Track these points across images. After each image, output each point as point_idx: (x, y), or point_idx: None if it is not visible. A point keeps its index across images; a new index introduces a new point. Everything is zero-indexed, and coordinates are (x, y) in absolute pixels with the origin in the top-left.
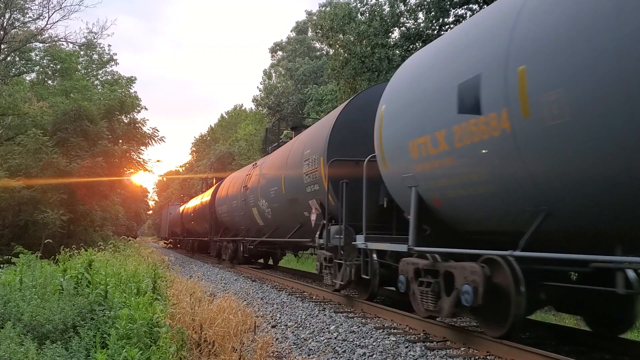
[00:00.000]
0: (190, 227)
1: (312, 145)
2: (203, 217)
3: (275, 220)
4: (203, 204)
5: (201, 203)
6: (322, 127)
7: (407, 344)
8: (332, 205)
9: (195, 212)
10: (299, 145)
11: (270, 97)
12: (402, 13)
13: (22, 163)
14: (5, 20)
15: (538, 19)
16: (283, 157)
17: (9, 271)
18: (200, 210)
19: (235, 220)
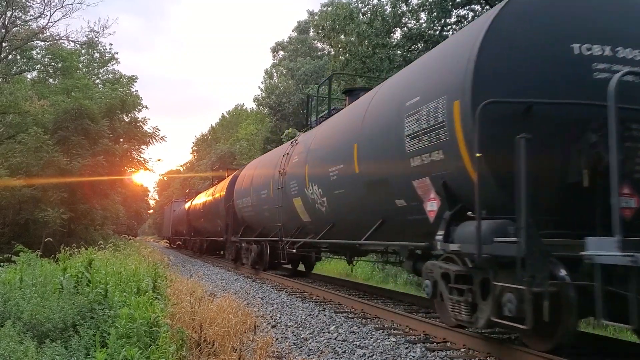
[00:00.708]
0: (199, 226)
1: (426, 85)
2: (216, 213)
3: (335, 213)
4: (216, 199)
5: (213, 198)
6: (450, 53)
7: (408, 345)
8: (471, 186)
9: (205, 208)
10: (390, 94)
11: (272, 96)
12: (404, 13)
13: (23, 161)
14: (7, 19)
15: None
16: (352, 121)
17: (9, 270)
18: (213, 206)
19: (263, 216)
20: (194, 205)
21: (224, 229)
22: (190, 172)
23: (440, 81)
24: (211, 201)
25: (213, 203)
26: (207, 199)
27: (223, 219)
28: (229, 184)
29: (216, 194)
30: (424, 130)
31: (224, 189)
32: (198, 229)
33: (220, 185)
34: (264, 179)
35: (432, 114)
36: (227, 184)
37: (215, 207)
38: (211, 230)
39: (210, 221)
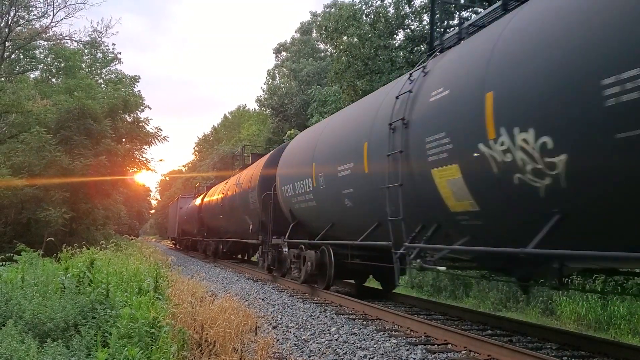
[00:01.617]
0: (216, 224)
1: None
2: (243, 208)
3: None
4: (244, 189)
5: (240, 189)
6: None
7: (408, 347)
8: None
9: (226, 203)
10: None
11: (274, 97)
12: (407, 15)
13: (25, 161)
14: (10, 18)
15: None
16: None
17: (11, 269)
18: (238, 200)
19: (341, 206)
20: (208, 201)
21: (256, 228)
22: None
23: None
24: (235, 194)
25: (239, 196)
26: (228, 192)
27: (255, 214)
28: (265, 167)
29: (243, 183)
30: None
31: (256, 176)
32: (214, 229)
33: (249, 172)
34: (346, 147)
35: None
36: (260, 169)
37: (243, 200)
38: (235, 229)
39: (233, 219)
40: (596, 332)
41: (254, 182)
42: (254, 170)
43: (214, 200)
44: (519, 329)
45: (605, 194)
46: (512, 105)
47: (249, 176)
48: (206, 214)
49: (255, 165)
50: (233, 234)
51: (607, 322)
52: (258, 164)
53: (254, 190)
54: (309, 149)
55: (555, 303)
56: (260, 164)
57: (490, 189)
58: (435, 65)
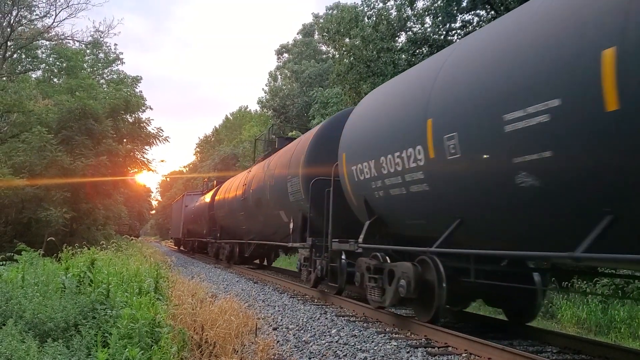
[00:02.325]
0: (233, 224)
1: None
2: (277, 202)
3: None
4: (279, 176)
5: (272, 177)
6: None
7: (409, 349)
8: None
9: (251, 196)
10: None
11: (276, 99)
12: (409, 17)
13: (26, 160)
14: (12, 18)
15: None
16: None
17: (12, 268)
18: (270, 192)
19: (517, 189)
20: (223, 197)
21: (297, 227)
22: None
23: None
24: (263, 184)
25: (270, 186)
26: (253, 183)
27: (296, 209)
28: (316, 143)
29: (276, 169)
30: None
31: (298, 158)
32: (231, 229)
33: (286, 155)
34: (531, 70)
35: None
36: (306, 146)
37: (276, 191)
38: (261, 229)
39: (261, 216)
40: (597, 336)
41: (297, 166)
42: (296, 149)
43: (232, 195)
44: (519, 332)
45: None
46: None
47: (285, 159)
48: (220, 211)
49: (297, 143)
50: (258, 235)
51: (607, 326)
52: (301, 142)
53: (295, 177)
54: (414, 100)
55: (556, 307)
56: (305, 141)
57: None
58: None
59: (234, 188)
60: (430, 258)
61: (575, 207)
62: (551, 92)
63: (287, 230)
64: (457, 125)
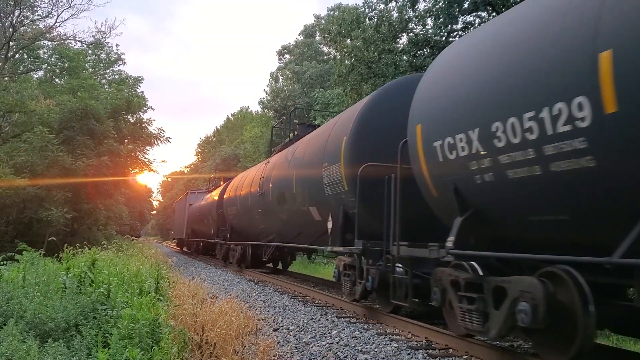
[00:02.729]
0: (247, 224)
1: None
2: (307, 196)
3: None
4: (310, 164)
5: (299, 167)
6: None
7: (410, 351)
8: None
9: (271, 191)
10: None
11: (277, 100)
12: (411, 19)
13: (28, 160)
14: (15, 18)
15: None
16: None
17: (13, 268)
18: (298, 184)
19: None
20: (234, 194)
21: (338, 226)
22: (194, 174)
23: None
24: (288, 176)
25: (298, 178)
26: (273, 175)
27: (335, 203)
28: (367, 116)
29: (305, 156)
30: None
31: (340, 137)
32: (244, 229)
33: (319, 138)
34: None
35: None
36: (353, 120)
37: (307, 183)
38: (281, 229)
39: (285, 213)
40: (598, 339)
41: (337, 149)
42: (334, 130)
43: (245, 191)
44: (521, 334)
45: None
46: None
47: (319, 143)
48: (231, 210)
49: (334, 123)
50: (279, 236)
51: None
52: (341, 120)
53: (335, 164)
54: (565, 28)
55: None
56: (348, 117)
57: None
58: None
59: (248, 183)
60: (565, 271)
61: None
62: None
63: (317, 230)
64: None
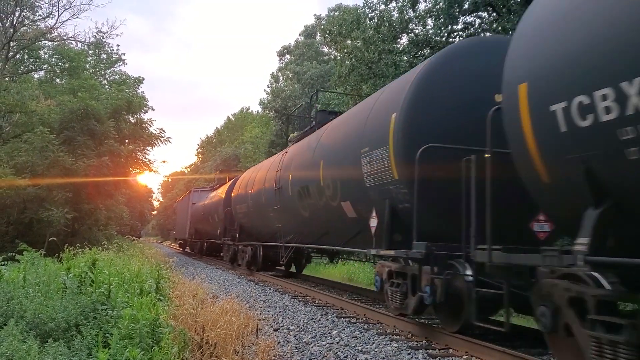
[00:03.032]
0: (260, 223)
1: None
2: (340, 189)
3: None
4: (338, 150)
5: (323, 150)
6: None
7: (410, 351)
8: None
9: (290, 186)
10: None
11: (277, 100)
12: (411, 19)
13: (28, 161)
14: (15, 18)
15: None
16: None
17: (13, 268)
18: (328, 177)
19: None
20: (245, 192)
21: (385, 224)
22: (194, 174)
23: None
24: (312, 162)
25: (329, 168)
26: (292, 167)
27: (379, 196)
28: (425, 83)
29: (347, 134)
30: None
31: (391, 112)
32: (255, 229)
33: (365, 109)
34: None
35: None
36: (413, 82)
37: (343, 174)
38: (307, 230)
39: (308, 211)
40: None
41: (385, 129)
42: (377, 105)
43: (258, 187)
44: (521, 334)
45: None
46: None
47: (355, 125)
48: (241, 208)
49: (376, 98)
50: (299, 236)
51: None
52: (387, 92)
53: (381, 148)
54: None
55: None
56: (399, 89)
57: None
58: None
59: (261, 179)
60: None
61: None
62: None
63: (350, 229)
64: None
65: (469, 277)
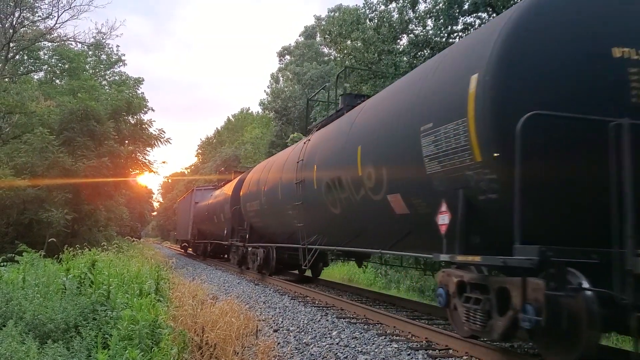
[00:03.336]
0: (272, 223)
1: None
2: (379, 181)
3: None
4: (386, 128)
5: (361, 131)
6: None
7: (410, 352)
8: None
9: (313, 175)
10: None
11: (277, 101)
12: (411, 20)
13: (28, 161)
14: (15, 19)
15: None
16: None
17: (12, 269)
18: (381, 159)
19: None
20: (256, 189)
21: (458, 227)
22: (194, 175)
23: None
24: (351, 150)
25: (385, 148)
26: (330, 153)
27: (450, 191)
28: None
29: (391, 117)
30: None
31: (479, 59)
32: (270, 230)
33: (427, 71)
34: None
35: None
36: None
37: (390, 159)
38: (335, 230)
39: (339, 208)
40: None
41: (463, 94)
42: (442, 65)
43: (274, 182)
44: None
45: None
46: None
47: (407, 97)
48: (251, 206)
49: (442, 59)
50: (326, 237)
51: None
52: (469, 43)
53: (453, 121)
54: None
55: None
56: (488, 32)
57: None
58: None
59: (276, 172)
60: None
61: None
62: None
63: (398, 229)
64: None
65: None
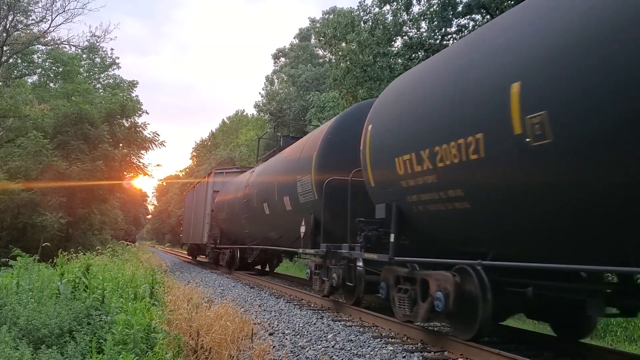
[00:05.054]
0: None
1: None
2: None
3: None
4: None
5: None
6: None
7: (405, 354)
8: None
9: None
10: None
11: (272, 103)
12: (405, 22)
13: (22, 165)
14: (8, 22)
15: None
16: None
17: (6, 274)
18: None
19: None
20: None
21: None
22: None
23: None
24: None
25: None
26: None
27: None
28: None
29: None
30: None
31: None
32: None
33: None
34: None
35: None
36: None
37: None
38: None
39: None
40: (592, 340)
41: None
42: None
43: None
44: (516, 337)
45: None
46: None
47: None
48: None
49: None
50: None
51: (603, 330)
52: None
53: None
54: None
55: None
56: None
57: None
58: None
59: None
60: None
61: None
62: None
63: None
64: None
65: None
